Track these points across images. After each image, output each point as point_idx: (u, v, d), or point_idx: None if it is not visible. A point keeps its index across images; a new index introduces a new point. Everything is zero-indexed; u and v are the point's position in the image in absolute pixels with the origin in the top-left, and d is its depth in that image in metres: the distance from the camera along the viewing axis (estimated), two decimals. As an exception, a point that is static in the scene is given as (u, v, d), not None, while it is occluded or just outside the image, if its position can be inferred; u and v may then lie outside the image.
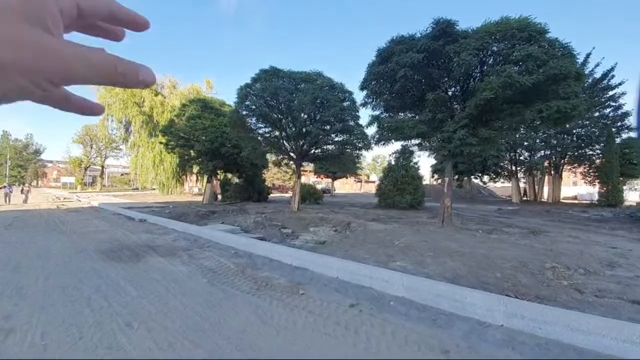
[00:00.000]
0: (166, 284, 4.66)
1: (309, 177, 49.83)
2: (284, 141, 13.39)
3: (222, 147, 17.16)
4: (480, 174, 30.35)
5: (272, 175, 50.30)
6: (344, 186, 64.35)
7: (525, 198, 30.10)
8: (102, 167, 57.33)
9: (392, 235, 7.74)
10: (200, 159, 20.19)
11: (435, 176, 35.26)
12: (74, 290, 4.37)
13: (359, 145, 12.71)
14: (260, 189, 23.56)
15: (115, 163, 63.59)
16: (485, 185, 37.21)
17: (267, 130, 13.86)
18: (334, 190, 45.45)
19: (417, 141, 11.16)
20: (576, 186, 41.80)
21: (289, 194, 38.87)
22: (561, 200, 28.44)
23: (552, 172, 28.25)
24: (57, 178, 68.80)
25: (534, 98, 7.11)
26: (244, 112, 12.89)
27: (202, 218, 12.71)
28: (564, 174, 29.71)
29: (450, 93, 8.32)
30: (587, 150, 26.09)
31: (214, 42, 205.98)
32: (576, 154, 26.13)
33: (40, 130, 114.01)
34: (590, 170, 25.53)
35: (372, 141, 10.73)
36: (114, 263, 5.85)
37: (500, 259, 5.63)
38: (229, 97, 24.62)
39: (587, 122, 24.15)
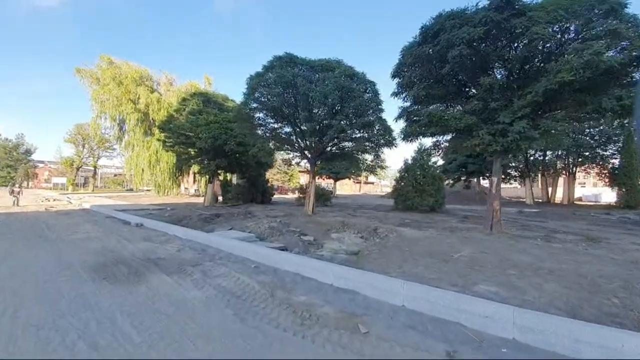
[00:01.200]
0: (180, 321, 3.43)
1: (310, 178, 48.40)
2: (298, 138, 12.10)
3: (226, 144, 15.84)
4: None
5: (272, 176, 48.96)
6: (343, 187, 63.06)
7: (538, 199, 29.14)
8: (95, 167, 55.44)
9: (439, 245, 6.58)
10: (200, 158, 18.84)
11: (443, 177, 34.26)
12: (51, 332, 3.13)
13: (382, 142, 11.51)
14: (264, 189, 22.25)
15: (108, 163, 61.74)
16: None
17: (278, 125, 12.54)
18: (335, 192, 44.30)
19: (448, 137, 10.07)
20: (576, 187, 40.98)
21: (289, 195, 37.62)
22: (574, 202, 27.55)
23: (567, 173, 27.35)
24: (48, 179, 66.78)
25: (609, 83, 6.04)
26: (254, 105, 11.61)
27: (206, 222, 11.43)
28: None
29: (503, 77, 7.18)
30: (599, 150, 25.38)
31: (212, 42, 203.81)
32: (589, 154, 25.40)
33: (32, 130, 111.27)
34: (606, 172, 24.71)
35: (400, 136, 9.54)
36: (107, 285, 4.59)
37: (598, 276, 4.49)
38: (229, 96, 23.27)
39: (602, 120, 23.34)
